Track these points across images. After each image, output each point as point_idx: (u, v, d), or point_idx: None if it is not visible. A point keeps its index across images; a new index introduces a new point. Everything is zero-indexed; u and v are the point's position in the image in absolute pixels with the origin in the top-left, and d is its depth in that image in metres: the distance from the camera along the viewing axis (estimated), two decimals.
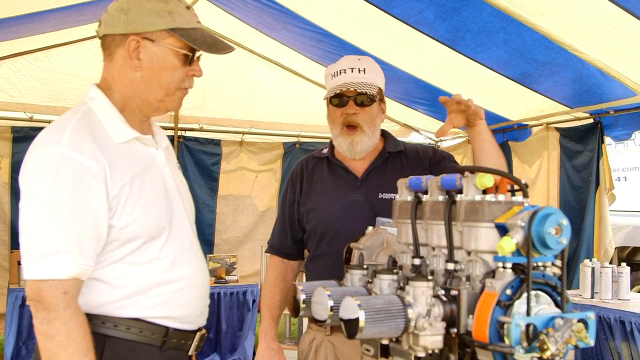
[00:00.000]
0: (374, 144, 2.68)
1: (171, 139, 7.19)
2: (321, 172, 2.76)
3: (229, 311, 6.36)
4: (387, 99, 2.79)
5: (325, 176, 2.74)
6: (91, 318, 1.80)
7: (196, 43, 1.96)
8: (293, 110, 7.55)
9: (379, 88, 2.68)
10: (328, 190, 2.70)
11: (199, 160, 7.43)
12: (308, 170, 2.79)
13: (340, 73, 2.63)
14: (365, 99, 2.62)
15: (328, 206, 2.67)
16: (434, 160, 2.71)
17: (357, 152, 2.65)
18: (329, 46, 5.92)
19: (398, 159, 2.73)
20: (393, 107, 7.34)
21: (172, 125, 7.25)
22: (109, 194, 1.78)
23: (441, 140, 8.49)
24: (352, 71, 2.62)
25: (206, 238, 7.37)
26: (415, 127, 8.19)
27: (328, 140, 2.84)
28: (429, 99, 6.81)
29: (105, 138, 1.85)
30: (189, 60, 1.97)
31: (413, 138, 8.34)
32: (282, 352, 2.76)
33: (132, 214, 1.82)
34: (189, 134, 7.43)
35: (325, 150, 2.80)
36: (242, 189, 7.65)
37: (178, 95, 2.00)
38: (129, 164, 1.86)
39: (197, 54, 1.99)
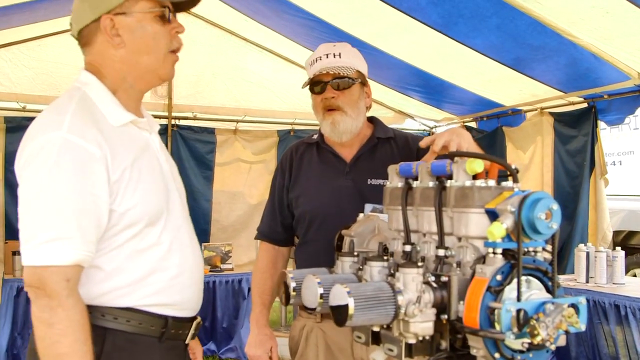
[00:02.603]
0: (358, 127, 2.65)
1: (165, 127, 7.17)
2: (310, 158, 2.75)
3: (225, 300, 6.35)
4: (380, 86, 2.78)
5: (314, 162, 2.73)
6: (91, 310, 1.77)
7: None
8: (287, 97, 7.52)
9: (358, 71, 2.66)
10: (316, 175, 2.70)
11: (194, 149, 7.40)
12: (297, 156, 2.78)
13: (316, 61, 2.64)
14: (342, 82, 2.61)
15: (316, 192, 2.67)
16: (421, 151, 2.70)
17: (341, 132, 2.62)
18: (322, 33, 5.89)
19: (387, 145, 2.72)
20: (386, 94, 7.33)
21: (166, 114, 7.21)
22: (110, 178, 1.75)
23: (436, 127, 8.49)
24: (327, 57, 2.62)
25: (202, 227, 7.35)
26: (410, 113, 8.18)
27: None
28: (423, 85, 6.80)
29: (104, 122, 1.82)
30: (166, 18, 1.92)
31: (407, 124, 8.34)
32: (274, 338, 2.76)
33: (133, 199, 1.79)
34: (182, 122, 7.39)
35: (315, 136, 2.79)
36: (237, 181, 7.63)
37: (169, 60, 1.96)
38: (128, 148, 1.83)
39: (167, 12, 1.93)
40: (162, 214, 1.88)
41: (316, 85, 2.64)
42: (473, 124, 7.81)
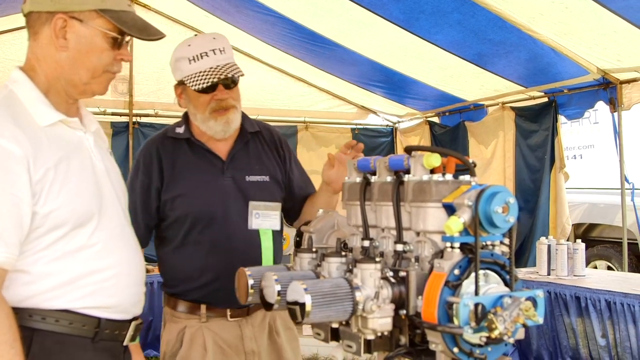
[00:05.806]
0: (240, 120, 2.61)
1: (126, 125, 7.08)
2: (184, 155, 2.60)
3: None
4: (343, 82, 2.75)
5: (189, 159, 2.60)
6: (17, 311, 1.72)
7: (126, 26, 1.86)
8: (248, 94, 7.48)
9: None
10: (194, 175, 2.58)
11: None
12: (167, 153, 2.60)
13: (201, 57, 2.48)
14: (232, 82, 2.53)
15: (198, 193, 2.55)
16: (281, 145, 2.74)
17: (232, 129, 2.55)
18: (284, 29, 5.87)
19: (257, 139, 2.69)
20: (349, 90, 7.33)
21: (127, 111, 7.12)
22: (32, 178, 1.70)
23: (399, 122, 8.51)
24: (215, 53, 2.48)
25: None
26: (373, 109, 8.20)
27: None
28: (385, 81, 6.82)
29: (29, 121, 1.77)
30: (117, 43, 1.89)
31: (371, 120, 8.37)
32: None
33: (58, 200, 1.74)
34: (143, 119, 7.31)
35: (180, 130, 2.63)
36: None
37: (105, 78, 1.91)
38: (54, 148, 1.78)
39: (127, 38, 1.91)
40: (92, 215, 1.82)
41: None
42: (436, 119, 7.86)
